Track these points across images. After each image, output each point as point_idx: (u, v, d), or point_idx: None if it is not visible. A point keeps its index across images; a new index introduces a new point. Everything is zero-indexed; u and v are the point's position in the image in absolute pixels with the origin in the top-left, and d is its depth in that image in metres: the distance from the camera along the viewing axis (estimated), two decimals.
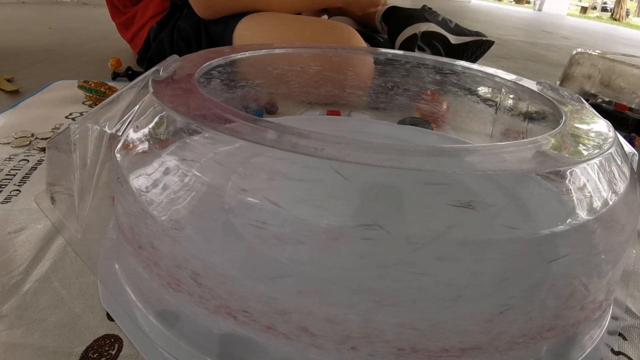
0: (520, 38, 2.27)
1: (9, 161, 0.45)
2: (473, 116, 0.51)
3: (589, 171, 0.24)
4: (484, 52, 0.91)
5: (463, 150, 0.22)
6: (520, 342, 0.22)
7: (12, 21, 1.34)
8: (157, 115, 0.25)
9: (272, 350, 0.22)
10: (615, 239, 0.25)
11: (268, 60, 0.45)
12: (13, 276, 0.30)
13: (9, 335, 0.25)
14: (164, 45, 0.79)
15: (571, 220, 0.22)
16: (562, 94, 0.35)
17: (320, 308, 0.20)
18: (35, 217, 0.36)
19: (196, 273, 0.22)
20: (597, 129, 0.28)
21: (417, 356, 0.21)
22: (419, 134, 0.54)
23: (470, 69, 0.44)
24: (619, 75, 0.71)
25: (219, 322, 0.22)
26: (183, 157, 0.23)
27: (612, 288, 0.27)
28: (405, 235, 0.20)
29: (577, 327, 0.25)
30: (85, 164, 0.27)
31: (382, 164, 0.20)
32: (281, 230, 0.21)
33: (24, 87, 0.70)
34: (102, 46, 1.06)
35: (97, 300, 0.28)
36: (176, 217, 0.22)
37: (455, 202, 0.21)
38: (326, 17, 1.13)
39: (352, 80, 0.52)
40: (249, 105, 0.51)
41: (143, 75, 0.29)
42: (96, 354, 0.25)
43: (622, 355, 0.28)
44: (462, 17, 2.93)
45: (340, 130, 0.53)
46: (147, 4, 0.81)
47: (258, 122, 0.23)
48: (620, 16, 9.82)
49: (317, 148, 0.20)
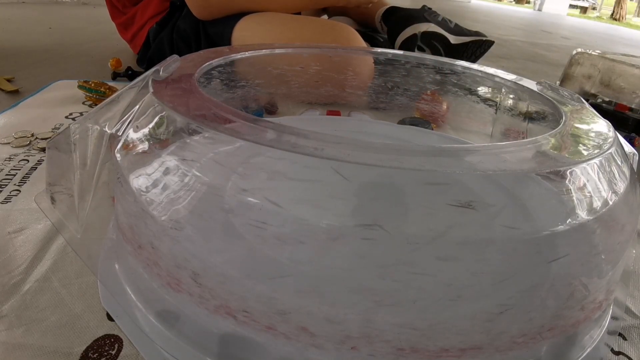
0: (520, 38, 2.27)
1: (9, 161, 0.45)
2: (473, 116, 0.51)
3: (589, 171, 0.24)
4: (484, 52, 0.91)
5: (463, 150, 0.22)
6: (520, 342, 0.22)
7: (12, 21, 1.34)
8: (157, 115, 0.25)
9: (272, 350, 0.22)
10: (615, 239, 0.25)
11: (268, 60, 0.45)
12: (13, 276, 0.30)
13: (8, 335, 0.25)
14: (164, 46, 0.78)
15: (571, 220, 0.22)
16: (562, 94, 0.35)
17: (320, 308, 0.20)
18: (35, 217, 0.36)
19: (196, 273, 0.22)
20: (597, 129, 0.28)
21: (417, 356, 0.21)
22: (419, 134, 0.54)
23: (470, 69, 0.44)
24: (619, 75, 0.71)
25: (218, 322, 0.22)
26: (183, 157, 0.23)
27: (612, 288, 0.27)
28: (405, 235, 0.20)
29: (577, 327, 0.25)
30: (85, 164, 0.27)
31: (382, 164, 0.20)
32: (281, 230, 0.21)
33: (24, 87, 0.70)
34: (102, 46, 1.06)
35: (97, 300, 0.28)
36: (176, 217, 0.22)
37: (455, 202, 0.21)
38: (326, 17, 1.13)
39: (352, 80, 0.52)
40: (249, 105, 0.51)
41: (143, 75, 0.29)
42: (96, 354, 0.25)
43: (622, 355, 0.28)
44: (462, 17, 2.93)
45: (340, 130, 0.53)
46: (146, 4, 0.81)
47: (258, 122, 0.23)
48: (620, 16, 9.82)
49: (317, 148, 0.20)
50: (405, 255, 0.20)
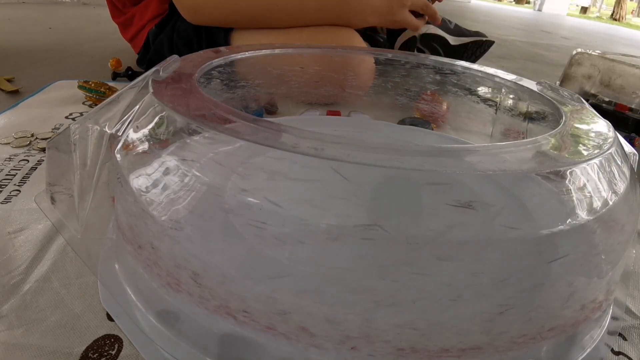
0: (520, 38, 2.27)
1: (9, 161, 0.45)
2: (473, 116, 0.51)
3: (589, 171, 0.24)
4: (484, 52, 0.91)
5: (463, 150, 0.22)
6: (520, 342, 0.22)
7: (12, 21, 1.34)
8: (157, 116, 0.25)
9: (271, 350, 0.22)
10: (615, 239, 0.25)
11: (268, 60, 0.45)
12: (13, 276, 0.30)
13: (8, 336, 0.25)
14: (164, 48, 0.78)
15: (571, 221, 0.22)
16: (562, 94, 0.35)
17: (320, 308, 0.20)
18: (35, 217, 0.36)
19: (196, 273, 0.22)
20: (597, 129, 0.28)
21: (417, 356, 0.21)
22: (419, 134, 0.54)
23: (470, 69, 0.44)
24: (618, 75, 0.71)
25: (218, 322, 0.22)
26: (183, 157, 0.23)
27: (612, 288, 0.27)
28: (405, 235, 0.20)
29: (577, 327, 0.25)
30: (85, 164, 0.27)
31: (382, 164, 0.20)
32: (281, 230, 0.21)
33: (24, 87, 0.70)
34: (102, 46, 1.06)
35: (97, 300, 0.28)
36: (176, 217, 0.22)
37: (455, 202, 0.21)
38: None
39: (352, 81, 0.52)
40: (248, 106, 0.51)
41: (143, 76, 0.29)
42: (96, 354, 0.25)
43: (622, 355, 0.28)
44: (462, 17, 2.93)
45: (340, 130, 0.53)
46: (145, 6, 0.81)
47: (258, 122, 0.23)
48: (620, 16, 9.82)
49: (317, 148, 0.20)
50: (405, 255, 0.20)
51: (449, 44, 0.87)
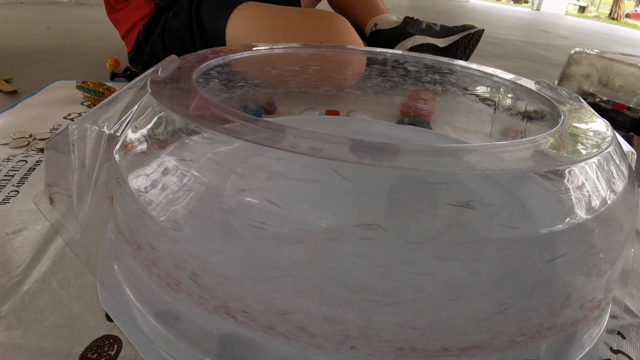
0: (519, 37, 2.28)
1: (7, 162, 0.45)
2: (472, 115, 0.51)
3: (588, 170, 0.24)
4: (476, 43, 0.91)
5: (462, 150, 0.22)
6: (519, 341, 0.22)
7: (10, 21, 1.34)
8: (156, 116, 0.25)
9: (271, 350, 0.22)
10: (613, 237, 0.25)
11: (266, 60, 0.45)
12: (12, 277, 0.30)
13: (7, 336, 0.25)
14: (157, 49, 0.78)
15: (570, 220, 0.22)
16: (561, 93, 0.35)
17: (319, 308, 0.20)
18: (34, 217, 0.36)
19: (195, 273, 0.22)
20: (595, 128, 0.28)
21: (416, 355, 0.21)
22: (418, 133, 0.54)
23: (469, 68, 0.45)
24: (617, 74, 0.72)
25: (218, 322, 0.22)
26: (182, 157, 0.23)
27: (610, 287, 0.27)
28: (404, 235, 0.20)
29: (576, 326, 0.25)
30: (84, 164, 0.27)
31: (381, 163, 0.20)
32: (280, 230, 0.21)
33: (22, 87, 0.70)
34: (100, 46, 1.06)
35: (96, 300, 0.28)
36: (175, 217, 0.22)
37: (454, 202, 0.21)
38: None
39: (350, 80, 0.52)
40: (247, 105, 0.51)
41: (141, 76, 0.29)
42: (95, 354, 0.25)
43: (621, 353, 0.28)
44: (460, 17, 2.93)
45: (339, 130, 0.53)
46: (133, 4, 0.80)
47: (257, 122, 0.23)
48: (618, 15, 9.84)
49: (316, 148, 0.20)
50: (405, 254, 0.20)
51: (438, 47, 0.87)
